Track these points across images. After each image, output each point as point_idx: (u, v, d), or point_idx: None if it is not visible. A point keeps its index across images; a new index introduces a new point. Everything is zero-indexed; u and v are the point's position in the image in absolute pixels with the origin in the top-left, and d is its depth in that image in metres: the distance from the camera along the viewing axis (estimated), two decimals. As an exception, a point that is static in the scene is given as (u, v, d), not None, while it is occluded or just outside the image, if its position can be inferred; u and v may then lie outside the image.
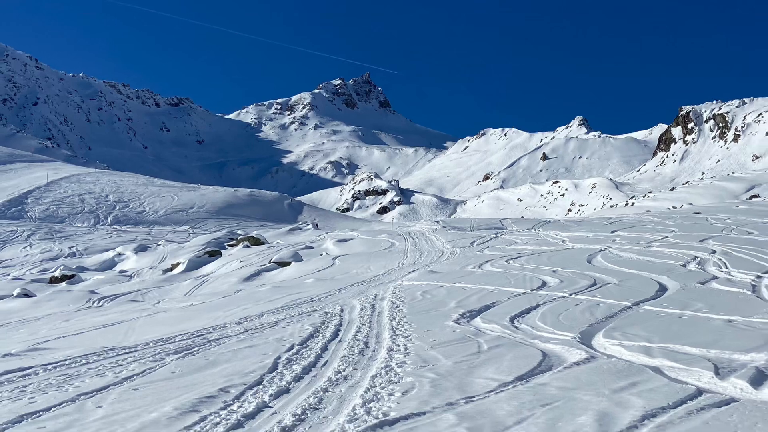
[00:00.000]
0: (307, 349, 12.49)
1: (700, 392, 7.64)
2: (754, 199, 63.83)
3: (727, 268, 19.39)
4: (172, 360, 12.28)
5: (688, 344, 9.96)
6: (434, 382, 9.10)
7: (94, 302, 31.39)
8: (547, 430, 6.82)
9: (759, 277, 17.16)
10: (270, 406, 8.80)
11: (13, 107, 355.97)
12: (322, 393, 9.25)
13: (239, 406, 8.82)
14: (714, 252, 23.27)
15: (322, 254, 39.18)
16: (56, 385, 10.79)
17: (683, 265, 20.72)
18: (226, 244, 51.68)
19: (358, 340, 13.14)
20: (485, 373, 9.42)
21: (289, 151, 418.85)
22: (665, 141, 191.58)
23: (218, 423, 8.12)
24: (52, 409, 9.25)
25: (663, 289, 16.51)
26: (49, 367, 12.54)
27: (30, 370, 12.24)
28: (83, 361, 12.89)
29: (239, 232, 59.61)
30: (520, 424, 7.08)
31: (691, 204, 68.88)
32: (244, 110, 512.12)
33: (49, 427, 8.37)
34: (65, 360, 13.22)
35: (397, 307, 17.28)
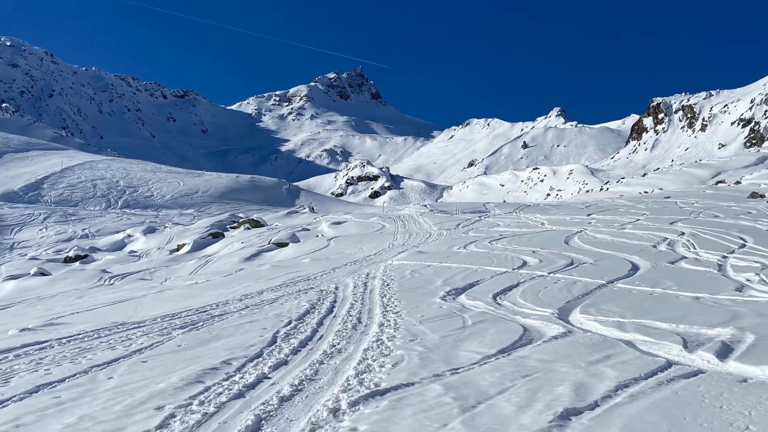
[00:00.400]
0: (304, 324, 12.47)
1: (669, 364, 7.63)
2: (719, 185, 63.86)
3: (695, 248, 19.41)
4: (178, 334, 12.26)
5: (658, 320, 9.95)
6: (422, 355, 9.09)
7: (105, 280, 31.34)
8: (527, 399, 6.81)
9: (725, 257, 17.17)
10: (269, 378, 8.78)
11: (30, 99, 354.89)
12: (317, 365, 9.23)
13: (240, 378, 8.80)
14: (683, 234, 23.28)
15: (317, 236, 39.12)
16: (70, 358, 10.76)
17: (654, 246, 20.73)
18: (228, 226, 51.61)
19: (351, 315, 13.12)
20: (470, 347, 9.40)
21: (287, 140, 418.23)
22: (637, 130, 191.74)
23: (221, 393, 8.11)
24: (67, 380, 9.22)
25: (635, 268, 16.52)
26: (64, 340, 12.52)
27: (46, 344, 12.22)
28: (95, 336, 12.88)
29: (240, 215, 59.50)
30: (503, 394, 7.06)
31: (661, 189, 68.87)
32: (245, 102, 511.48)
33: (64, 396, 8.34)
34: (78, 334, 13.20)
35: (387, 285, 17.26)
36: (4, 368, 10.32)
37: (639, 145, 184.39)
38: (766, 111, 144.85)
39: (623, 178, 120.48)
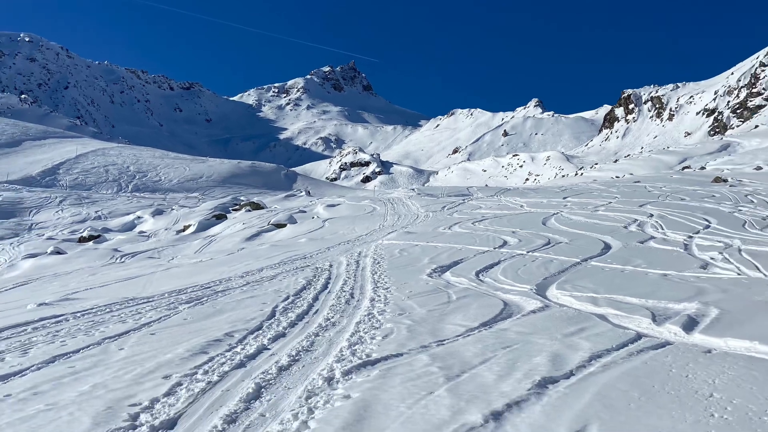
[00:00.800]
0: (301, 299, 12.46)
1: (639, 336, 7.64)
2: (685, 170, 63.95)
3: (662, 229, 19.43)
4: (184, 309, 12.24)
5: (629, 295, 9.96)
6: (410, 328, 9.09)
7: (116, 259, 31.29)
8: (507, 369, 6.81)
9: (690, 237, 17.20)
10: (269, 349, 8.78)
11: (47, 90, 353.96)
12: (313, 337, 9.23)
13: (242, 349, 8.80)
14: (652, 215, 23.31)
15: (313, 217, 39.09)
16: (84, 330, 10.74)
17: (625, 227, 20.74)
18: (230, 208, 51.55)
19: (344, 291, 13.12)
20: (454, 320, 9.40)
21: (285, 129, 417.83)
22: (609, 120, 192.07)
23: (224, 363, 8.11)
24: (81, 351, 9.21)
25: (608, 247, 16.53)
26: (78, 314, 12.49)
27: (62, 317, 12.19)
28: (107, 310, 12.85)
29: (242, 198, 59.46)
30: (485, 364, 7.06)
31: (631, 174, 68.90)
32: (246, 93, 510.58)
33: (78, 366, 8.33)
34: (92, 308, 13.18)
35: (378, 263, 17.26)
36: (22, 340, 10.30)
37: (611, 133, 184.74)
38: (728, 102, 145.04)
39: (596, 164, 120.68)
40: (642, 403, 5.47)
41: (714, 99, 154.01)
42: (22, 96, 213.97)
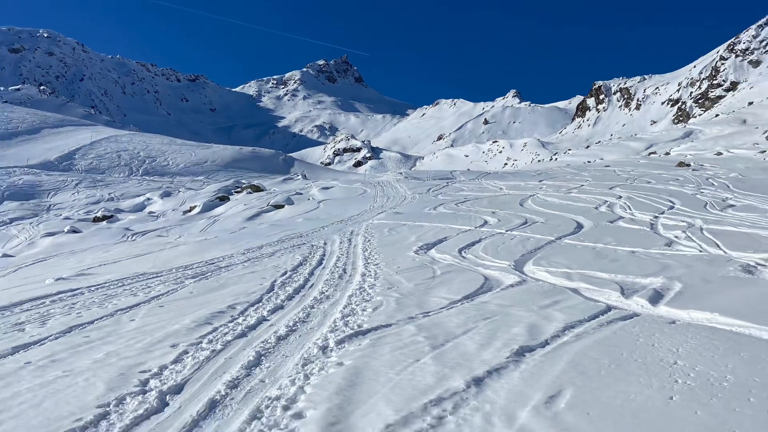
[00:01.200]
0: (297, 274, 12.45)
1: (609, 308, 7.64)
2: (652, 155, 64.08)
3: (630, 210, 19.46)
4: (189, 283, 12.22)
5: (599, 270, 9.97)
6: (398, 301, 9.08)
7: (128, 237, 31.21)
8: (488, 338, 6.81)
9: (656, 217, 17.22)
10: (268, 320, 8.78)
11: (63, 82, 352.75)
12: (309, 309, 9.23)
13: (243, 320, 8.80)
14: (620, 197, 23.34)
15: (309, 199, 39.01)
16: (98, 303, 10.72)
17: (596, 208, 20.77)
18: (233, 190, 51.42)
19: (337, 267, 13.11)
20: (439, 293, 9.40)
21: (283, 117, 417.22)
22: (581, 109, 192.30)
23: (227, 333, 8.11)
24: (95, 321, 9.20)
25: (580, 226, 16.54)
26: (93, 288, 12.47)
27: (77, 291, 12.17)
28: (119, 284, 12.83)
29: (243, 181, 59.30)
30: (467, 334, 7.06)
31: (602, 159, 69.05)
32: (247, 85, 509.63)
33: (93, 336, 8.32)
34: (105, 283, 13.15)
35: (368, 241, 17.24)
36: (41, 312, 10.28)
37: (583, 121, 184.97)
38: (691, 92, 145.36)
39: (569, 149, 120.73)
40: (612, 370, 5.47)
41: (678, 90, 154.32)
42: (41, 87, 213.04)
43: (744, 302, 7.29)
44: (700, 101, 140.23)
